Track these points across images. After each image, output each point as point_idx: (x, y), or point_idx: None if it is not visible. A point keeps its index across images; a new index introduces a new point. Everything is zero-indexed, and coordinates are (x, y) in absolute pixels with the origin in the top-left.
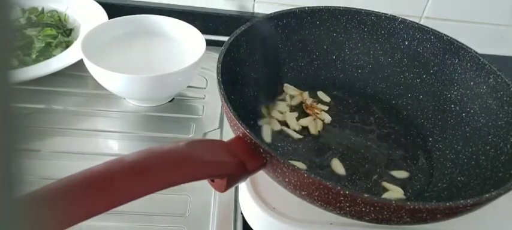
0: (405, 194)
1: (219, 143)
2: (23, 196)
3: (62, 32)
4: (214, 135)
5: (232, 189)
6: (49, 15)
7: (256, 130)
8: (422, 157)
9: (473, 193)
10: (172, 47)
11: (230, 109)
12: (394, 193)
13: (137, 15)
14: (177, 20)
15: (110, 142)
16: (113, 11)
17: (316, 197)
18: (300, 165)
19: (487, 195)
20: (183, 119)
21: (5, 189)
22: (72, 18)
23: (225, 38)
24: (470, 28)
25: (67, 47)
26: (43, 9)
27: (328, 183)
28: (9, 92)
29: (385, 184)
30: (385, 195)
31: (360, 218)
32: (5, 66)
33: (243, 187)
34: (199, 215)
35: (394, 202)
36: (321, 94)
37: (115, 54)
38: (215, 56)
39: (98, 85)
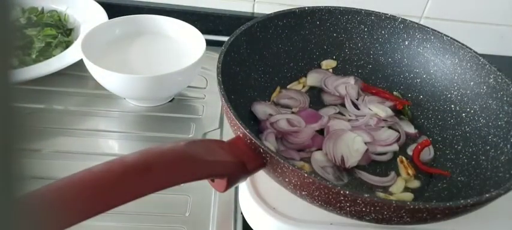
0: None
1: (219, 143)
2: (23, 196)
3: (62, 32)
4: (214, 135)
5: (232, 189)
6: (49, 15)
7: (256, 130)
8: None
9: (474, 193)
10: (172, 47)
11: (230, 109)
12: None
13: (137, 15)
14: (177, 20)
15: (110, 142)
16: (113, 11)
17: (316, 197)
18: (300, 164)
19: (487, 195)
20: (183, 119)
21: (5, 189)
22: (72, 18)
23: (225, 38)
24: (470, 28)
25: (67, 47)
26: (43, 9)
27: (328, 183)
28: (9, 92)
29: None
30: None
31: (360, 218)
32: (5, 66)
33: (243, 187)
34: (199, 215)
35: (394, 202)
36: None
37: (115, 54)
38: (215, 56)
39: (98, 85)
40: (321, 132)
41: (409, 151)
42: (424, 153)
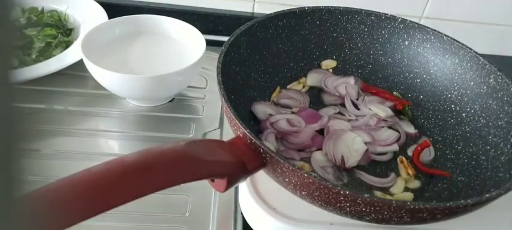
0: None
1: (219, 143)
2: (23, 196)
3: (62, 32)
4: (214, 135)
5: (232, 189)
6: (49, 15)
7: (256, 130)
8: None
9: (474, 193)
10: (172, 47)
11: (230, 109)
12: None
13: (137, 15)
14: (177, 20)
15: (110, 142)
16: (113, 11)
17: (316, 197)
18: (300, 164)
19: (487, 195)
20: (183, 119)
21: (5, 189)
22: (72, 18)
23: (225, 38)
24: (470, 28)
25: (67, 47)
26: (43, 9)
27: (328, 183)
28: (9, 92)
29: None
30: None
31: (360, 218)
32: (5, 66)
33: (243, 187)
34: (199, 215)
35: (394, 202)
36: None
37: (115, 54)
38: (215, 56)
39: (98, 85)
40: (321, 132)
41: (409, 152)
42: (424, 153)
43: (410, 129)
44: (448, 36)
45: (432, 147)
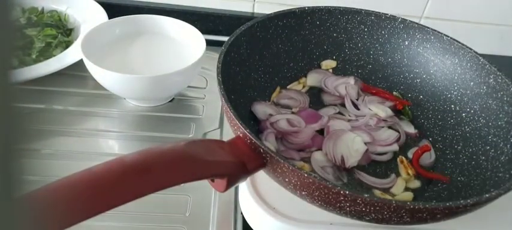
0: None
1: (219, 143)
2: (23, 196)
3: (62, 32)
4: (214, 135)
5: (232, 189)
6: (49, 15)
7: (256, 130)
8: None
9: (473, 193)
10: (172, 47)
11: (230, 109)
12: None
13: (137, 15)
14: (177, 20)
15: (110, 142)
16: (113, 11)
17: (316, 197)
18: (300, 164)
19: (486, 195)
20: (183, 119)
21: (5, 189)
22: (72, 18)
23: (225, 38)
24: (470, 28)
25: (67, 47)
26: (43, 9)
27: (328, 183)
28: (9, 92)
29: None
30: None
31: (360, 218)
32: (5, 66)
33: (243, 187)
34: (199, 215)
35: (394, 202)
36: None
37: (115, 54)
38: (215, 56)
39: (98, 85)
40: (321, 132)
41: (410, 154)
42: (424, 157)
43: (410, 129)
44: (448, 36)
45: (433, 149)
